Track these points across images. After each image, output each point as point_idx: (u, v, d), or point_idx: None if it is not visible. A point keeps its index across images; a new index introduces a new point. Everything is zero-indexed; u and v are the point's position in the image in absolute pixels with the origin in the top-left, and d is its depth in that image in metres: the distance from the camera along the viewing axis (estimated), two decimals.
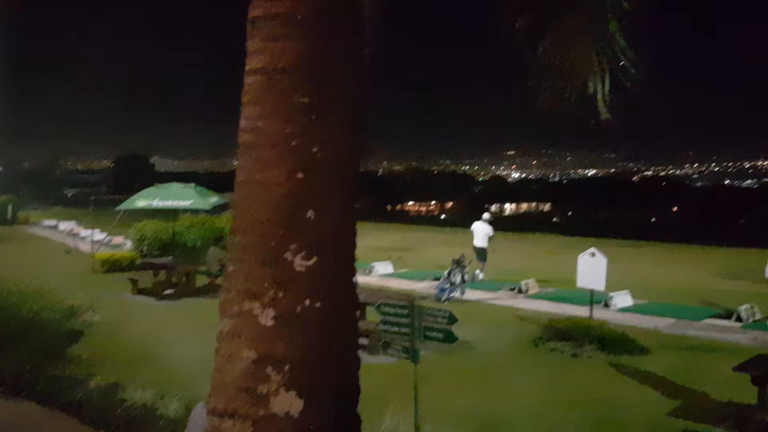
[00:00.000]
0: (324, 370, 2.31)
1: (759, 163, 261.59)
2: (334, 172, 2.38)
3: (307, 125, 2.33)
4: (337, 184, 2.40)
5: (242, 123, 2.42)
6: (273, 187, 2.32)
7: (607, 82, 3.90)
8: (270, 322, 2.26)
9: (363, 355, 10.44)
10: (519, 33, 4.04)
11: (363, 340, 9.91)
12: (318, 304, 2.29)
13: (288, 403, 2.23)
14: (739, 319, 11.80)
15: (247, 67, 2.43)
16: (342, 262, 2.42)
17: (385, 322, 7.39)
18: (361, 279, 13.30)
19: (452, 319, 6.79)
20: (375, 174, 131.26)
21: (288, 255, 2.28)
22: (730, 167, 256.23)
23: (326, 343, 2.31)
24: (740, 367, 6.91)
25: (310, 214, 2.31)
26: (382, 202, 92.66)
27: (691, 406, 7.50)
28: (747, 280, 15.05)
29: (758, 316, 11.95)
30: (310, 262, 2.30)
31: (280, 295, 2.27)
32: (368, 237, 28.85)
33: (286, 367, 2.25)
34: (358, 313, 2.75)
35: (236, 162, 2.43)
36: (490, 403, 7.52)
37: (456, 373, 8.72)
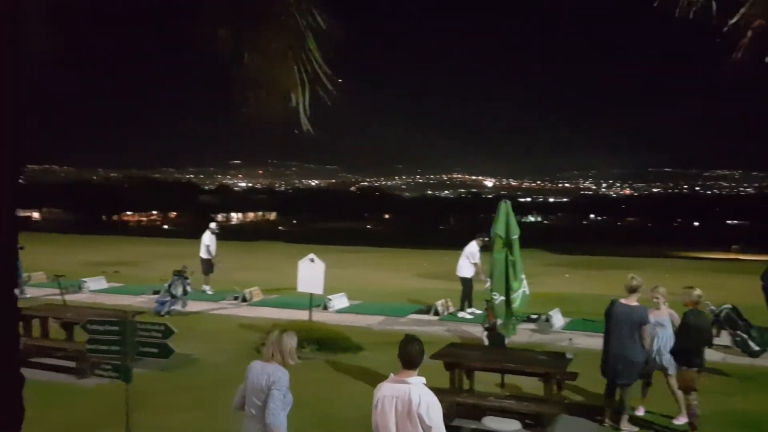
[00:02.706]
0: None
1: (454, 175, 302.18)
2: None
3: None
4: None
5: None
6: None
7: (307, 95, 4.14)
8: None
9: (71, 379, 9.34)
10: (222, 44, 4.06)
11: (70, 363, 9.02)
12: None
13: None
14: (436, 312, 13.42)
15: None
16: None
17: (92, 341, 6.79)
18: (69, 297, 11.89)
19: (168, 333, 6.51)
20: (89, 182, 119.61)
21: None
22: (431, 179, 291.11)
23: None
24: (435, 356, 7.72)
25: None
26: (97, 212, 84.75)
27: None
28: (443, 278, 17.16)
29: (451, 310, 13.71)
30: None
31: None
32: (81, 251, 26.27)
33: None
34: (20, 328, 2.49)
35: None
36: (211, 419, 7.38)
37: (176, 390, 8.38)
